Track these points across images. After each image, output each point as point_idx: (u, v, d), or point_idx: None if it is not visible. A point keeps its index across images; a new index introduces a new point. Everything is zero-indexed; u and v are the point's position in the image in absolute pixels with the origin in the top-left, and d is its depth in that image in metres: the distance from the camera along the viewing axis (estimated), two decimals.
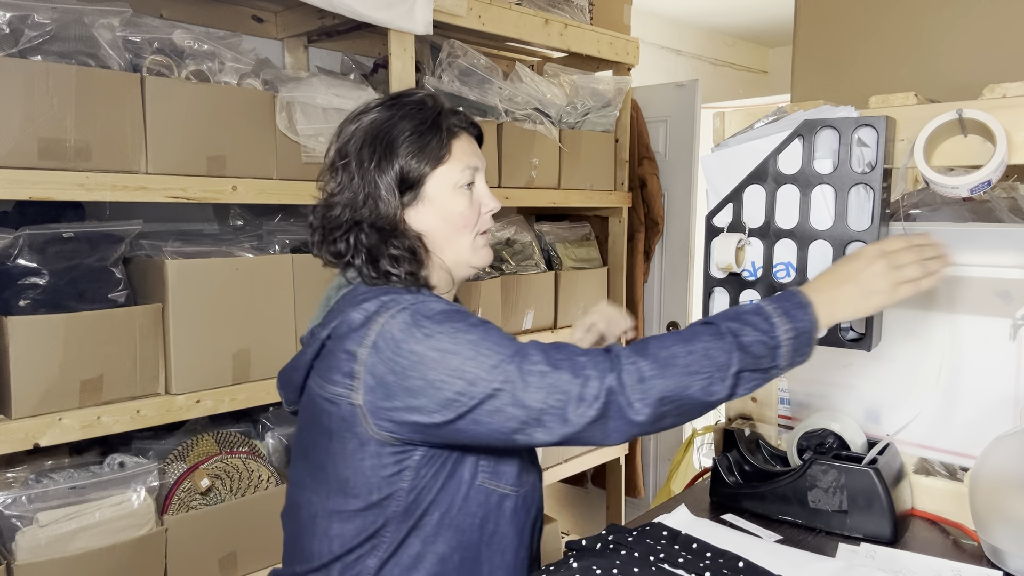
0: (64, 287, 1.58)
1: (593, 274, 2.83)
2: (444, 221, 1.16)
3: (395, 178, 1.12)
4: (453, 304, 1.10)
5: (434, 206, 1.15)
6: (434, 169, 1.14)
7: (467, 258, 1.19)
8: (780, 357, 1.02)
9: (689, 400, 1.00)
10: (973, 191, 1.20)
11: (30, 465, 1.64)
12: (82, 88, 1.54)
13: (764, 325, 1.02)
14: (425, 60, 2.35)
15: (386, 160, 1.12)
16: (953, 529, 1.33)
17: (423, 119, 1.15)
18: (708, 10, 4.26)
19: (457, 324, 1.04)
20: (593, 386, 0.98)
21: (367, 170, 1.12)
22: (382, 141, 1.13)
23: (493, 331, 1.04)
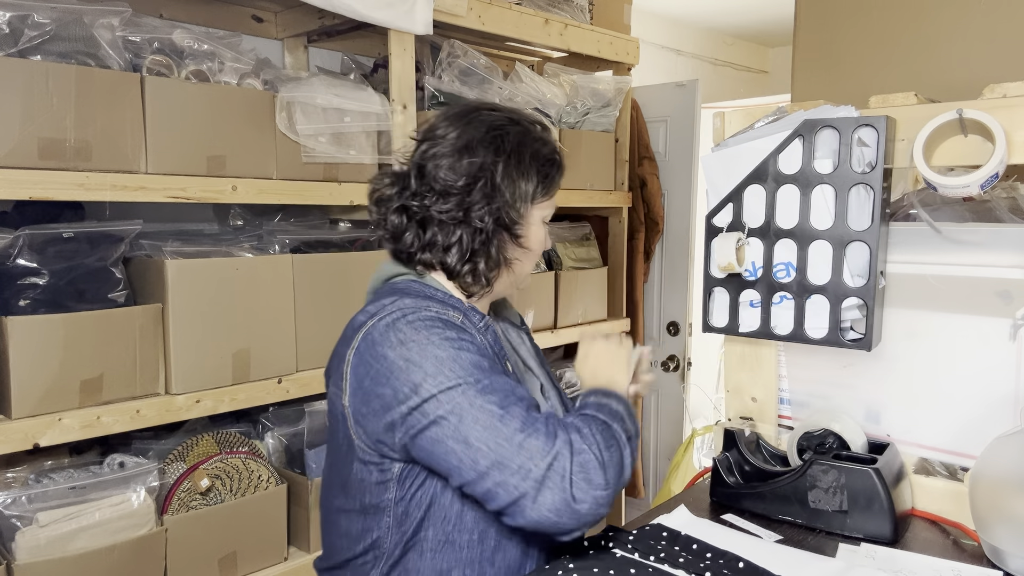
0: (64, 287, 1.58)
1: (593, 274, 2.83)
2: (533, 244, 1.23)
3: (531, 191, 1.18)
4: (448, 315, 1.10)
5: (530, 229, 1.21)
6: (544, 199, 1.22)
7: (519, 282, 1.27)
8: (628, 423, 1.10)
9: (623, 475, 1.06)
10: (983, 187, 1.20)
11: (30, 465, 1.64)
12: (82, 88, 1.54)
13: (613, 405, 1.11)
14: (425, 60, 2.35)
15: (530, 171, 1.18)
16: (953, 529, 1.33)
17: (550, 152, 1.22)
18: (708, 10, 4.26)
19: (433, 336, 1.05)
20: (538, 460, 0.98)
21: (509, 178, 1.16)
22: (525, 153, 1.17)
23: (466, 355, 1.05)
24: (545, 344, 2.63)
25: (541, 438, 0.99)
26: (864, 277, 1.29)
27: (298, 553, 1.96)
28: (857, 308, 1.33)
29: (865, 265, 1.28)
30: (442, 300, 1.15)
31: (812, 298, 1.33)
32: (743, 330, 1.43)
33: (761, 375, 1.56)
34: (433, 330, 1.06)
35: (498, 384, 1.04)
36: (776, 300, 1.37)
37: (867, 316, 1.30)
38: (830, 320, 1.32)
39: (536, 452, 0.97)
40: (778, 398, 1.56)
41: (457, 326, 1.09)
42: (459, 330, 1.09)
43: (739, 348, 1.57)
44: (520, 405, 1.03)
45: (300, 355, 1.92)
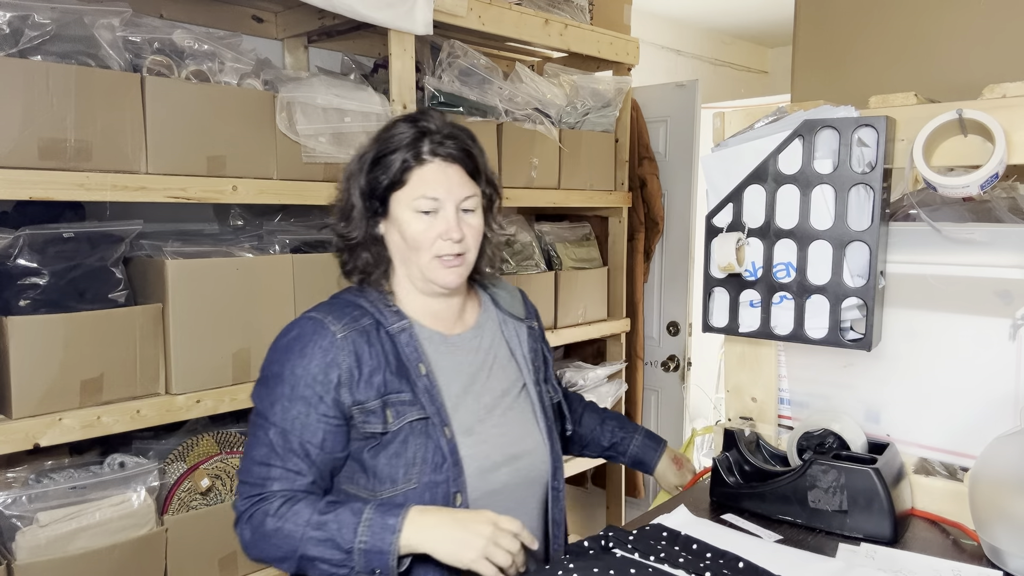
0: (64, 287, 1.58)
1: (593, 274, 2.83)
2: (402, 239, 1.28)
3: (362, 192, 1.29)
4: (302, 342, 1.26)
5: (395, 224, 1.28)
6: (394, 190, 1.27)
7: (428, 275, 1.29)
8: (354, 560, 1.14)
9: (278, 562, 1.21)
10: (983, 187, 1.20)
11: (30, 465, 1.64)
12: (82, 88, 1.54)
13: (348, 529, 1.15)
14: (425, 60, 2.35)
15: (356, 176, 1.30)
16: (953, 529, 1.33)
17: (396, 143, 1.26)
18: (708, 10, 4.26)
19: (274, 368, 1.26)
20: (239, 503, 1.26)
21: (349, 187, 1.31)
22: (358, 159, 1.31)
23: (282, 392, 1.23)
24: None
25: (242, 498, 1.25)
26: (864, 277, 1.29)
27: None
28: (857, 308, 1.33)
29: (865, 265, 1.29)
30: (350, 305, 1.30)
31: (812, 298, 1.33)
32: (743, 330, 1.43)
33: (761, 375, 1.56)
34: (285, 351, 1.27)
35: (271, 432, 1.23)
36: (776, 300, 1.37)
37: (867, 316, 1.30)
38: (830, 320, 1.32)
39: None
40: (778, 398, 1.56)
41: (313, 344, 1.24)
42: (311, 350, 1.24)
43: (739, 348, 1.58)
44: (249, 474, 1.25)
45: None
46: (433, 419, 1.25)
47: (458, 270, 1.30)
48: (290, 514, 1.18)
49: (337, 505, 1.19)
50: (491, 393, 1.34)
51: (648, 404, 3.20)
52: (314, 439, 1.22)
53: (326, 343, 1.24)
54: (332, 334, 1.24)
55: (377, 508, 1.17)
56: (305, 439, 1.22)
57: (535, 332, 1.48)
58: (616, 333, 2.97)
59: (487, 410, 1.32)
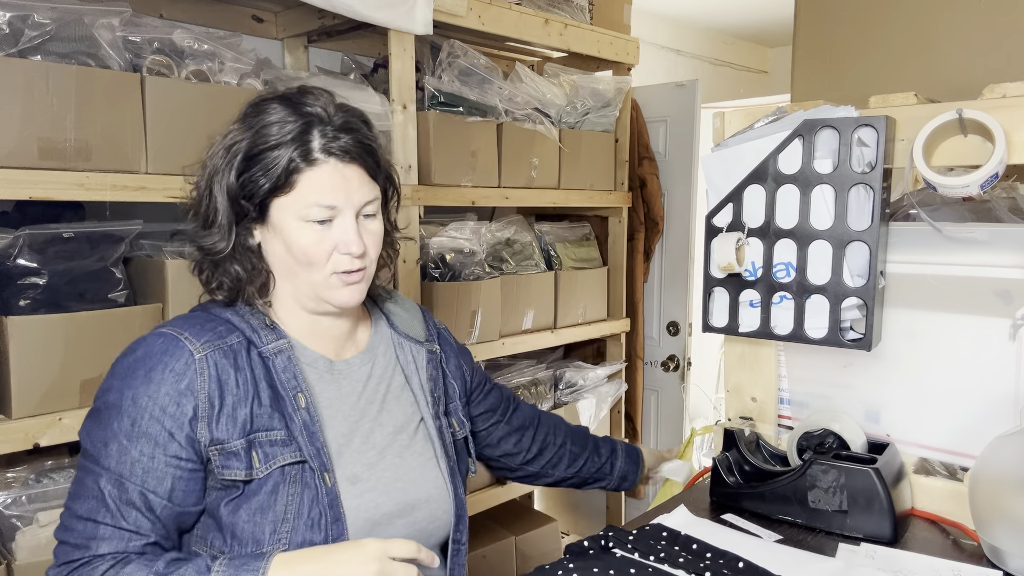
0: (64, 287, 1.58)
1: (593, 274, 2.83)
2: (286, 252, 1.06)
3: (228, 195, 1.05)
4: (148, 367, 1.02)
5: (278, 234, 1.06)
6: (274, 195, 1.04)
7: (321, 293, 1.09)
8: None
9: None
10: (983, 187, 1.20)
11: (30, 465, 1.64)
12: (82, 88, 1.54)
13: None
14: (425, 60, 2.35)
15: (226, 172, 1.05)
16: (953, 529, 1.33)
17: (278, 138, 1.03)
18: (708, 10, 4.26)
19: (111, 395, 1.02)
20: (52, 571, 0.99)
21: (210, 185, 1.07)
22: (232, 148, 1.06)
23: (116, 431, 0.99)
24: (545, 344, 2.63)
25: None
26: (864, 277, 1.29)
27: None
28: (857, 308, 1.33)
29: (865, 265, 1.29)
30: (214, 319, 1.08)
31: (812, 298, 1.33)
32: (743, 330, 1.43)
33: (761, 375, 1.56)
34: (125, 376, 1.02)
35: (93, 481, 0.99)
36: (776, 300, 1.37)
37: (867, 316, 1.30)
38: (830, 320, 1.32)
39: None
40: (778, 398, 1.56)
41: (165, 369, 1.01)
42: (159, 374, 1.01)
43: (739, 348, 1.58)
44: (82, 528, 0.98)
45: None
46: (311, 463, 1.04)
47: (359, 287, 1.10)
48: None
49: (180, 563, 0.95)
50: (382, 430, 1.15)
51: (648, 404, 3.20)
52: (159, 488, 0.99)
53: (180, 365, 1.01)
54: (189, 353, 1.02)
55: (230, 562, 0.95)
56: (148, 488, 0.98)
57: (435, 357, 1.27)
58: (616, 333, 2.97)
59: (378, 452, 1.12)
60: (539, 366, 2.81)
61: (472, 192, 2.31)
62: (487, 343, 2.40)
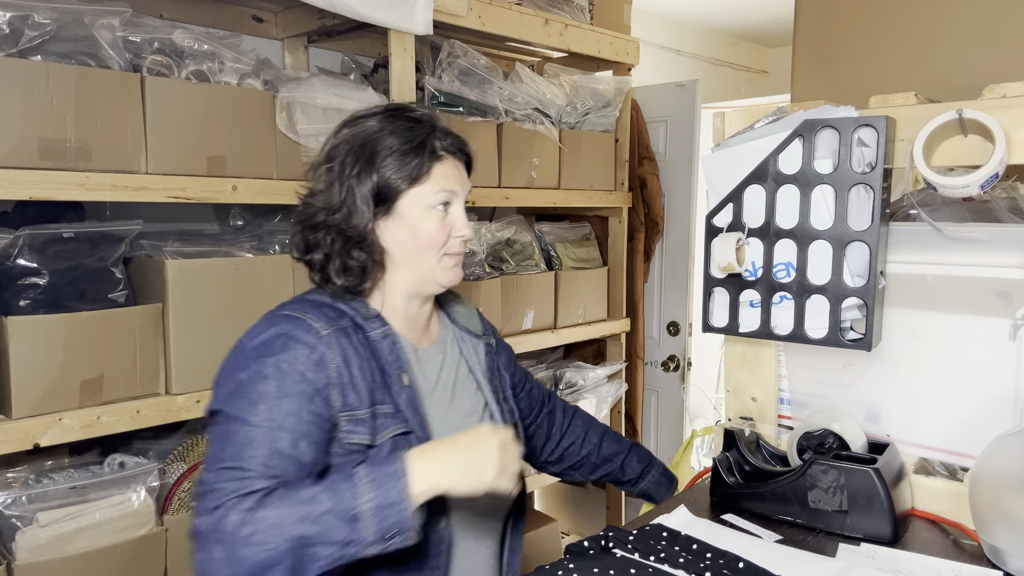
0: (64, 287, 1.58)
1: (593, 274, 2.83)
2: (411, 239, 1.20)
3: (371, 190, 1.17)
4: (283, 340, 1.11)
5: (404, 224, 1.19)
6: (410, 187, 1.18)
7: (435, 276, 1.23)
8: (362, 527, 0.98)
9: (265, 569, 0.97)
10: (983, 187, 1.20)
11: (30, 465, 1.64)
12: (82, 88, 1.54)
13: (347, 494, 1.00)
14: (425, 60, 2.35)
15: (366, 171, 1.17)
16: (953, 529, 1.33)
17: (411, 137, 1.18)
18: (708, 10, 4.26)
19: (253, 364, 1.09)
20: (201, 519, 1.00)
21: (347, 177, 1.17)
22: (366, 152, 1.17)
23: (256, 393, 1.06)
24: (545, 344, 2.63)
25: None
26: (864, 277, 1.29)
27: None
28: (857, 308, 1.33)
29: (865, 265, 1.29)
30: (324, 306, 1.18)
31: (812, 298, 1.33)
32: (743, 330, 1.43)
33: (761, 375, 1.56)
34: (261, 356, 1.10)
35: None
36: (776, 300, 1.37)
37: (867, 316, 1.30)
38: (830, 320, 1.32)
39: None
40: (778, 398, 1.56)
41: (297, 343, 1.10)
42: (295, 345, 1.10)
43: (739, 348, 1.58)
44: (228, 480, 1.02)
45: None
46: (417, 433, 1.16)
47: (459, 269, 1.25)
48: (270, 503, 0.99)
49: (321, 479, 1.04)
50: (458, 413, 1.27)
51: (648, 404, 3.20)
52: (303, 443, 1.06)
53: (311, 339, 1.11)
54: (316, 331, 1.12)
55: (369, 465, 1.03)
56: (296, 439, 1.05)
57: (492, 350, 1.40)
58: (616, 333, 2.97)
59: (455, 431, 1.19)
60: (539, 366, 2.81)
61: (472, 192, 2.30)
62: None
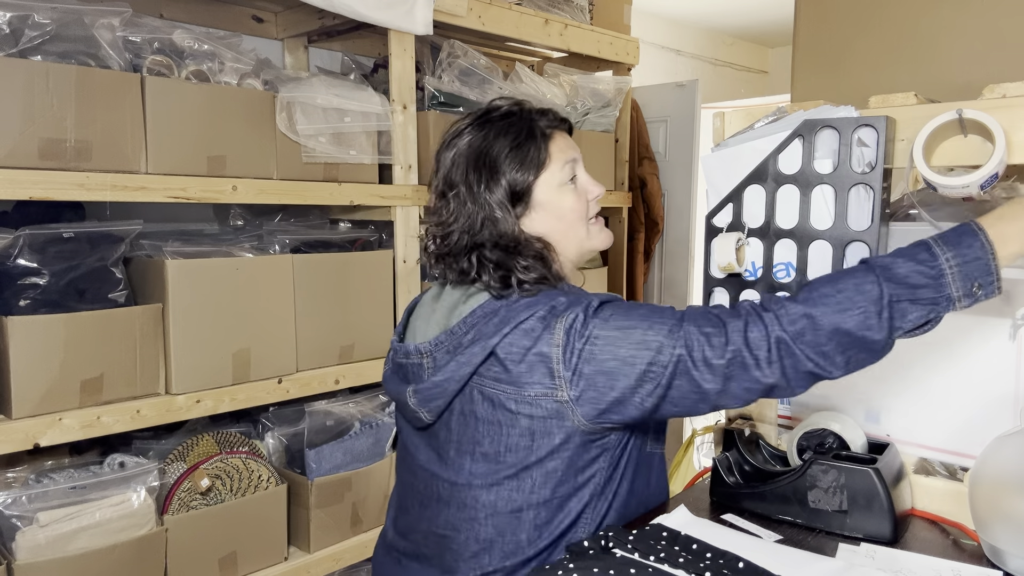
0: (64, 287, 1.58)
1: (593, 274, 2.83)
2: (559, 220, 1.22)
3: (506, 195, 1.18)
4: (603, 294, 1.17)
5: (546, 210, 1.22)
6: (538, 176, 1.20)
7: (589, 245, 1.27)
8: (947, 286, 1.00)
9: (851, 336, 1.01)
10: (983, 187, 1.20)
11: (30, 465, 1.64)
12: (82, 88, 1.54)
13: (923, 255, 1.02)
14: (425, 60, 2.35)
15: (493, 180, 1.18)
16: (953, 529, 1.33)
17: (518, 131, 1.20)
18: (708, 10, 4.26)
19: (621, 305, 1.13)
20: (759, 340, 1.02)
21: (478, 194, 1.18)
22: (484, 162, 1.19)
23: (651, 305, 1.13)
24: None
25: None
26: None
27: (298, 553, 1.96)
28: None
29: None
30: (572, 294, 1.19)
31: None
32: None
33: None
34: (615, 300, 1.14)
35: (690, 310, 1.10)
36: None
37: None
38: None
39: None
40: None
41: (616, 296, 1.17)
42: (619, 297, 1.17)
43: None
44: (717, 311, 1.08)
45: (300, 355, 1.92)
46: None
47: (608, 230, 1.30)
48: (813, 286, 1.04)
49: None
50: None
51: None
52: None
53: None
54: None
55: (934, 238, 1.04)
56: None
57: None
58: None
59: None
60: None
61: None
62: None
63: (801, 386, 1.06)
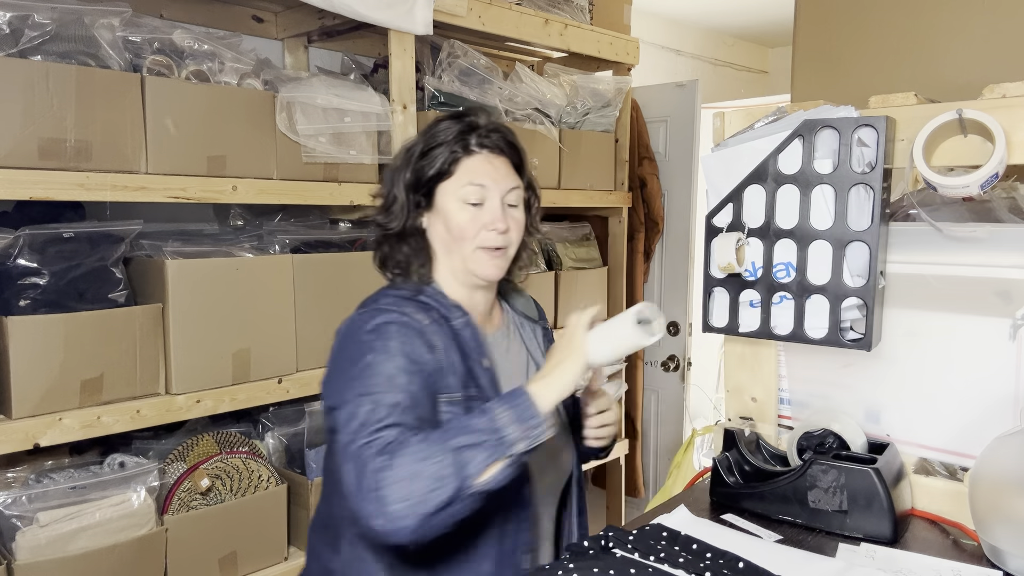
0: (64, 287, 1.58)
1: (593, 274, 2.83)
2: (446, 230, 1.26)
3: (408, 183, 1.26)
4: (388, 316, 1.19)
5: (441, 215, 1.26)
6: (441, 181, 1.25)
7: (469, 267, 1.27)
8: (506, 434, 1.06)
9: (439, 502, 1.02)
10: (983, 187, 1.20)
11: (30, 465, 1.64)
12: (82, 88, 1.54)
13: (483, 417, 1.08)
14: (425, 60, 2.35)
15: (404, 167, 1.27)
16: (953, 529, 1.33)
17: (446, 135, 1.26)
18: (708, 10, 4.26)
19: (375, 345, 1.15)
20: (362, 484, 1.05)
21: (394, 179, 1.28)
22: (408, 151, 1.28)
23: (383, 370, 1.12)
24: None
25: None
26: (864, 277, 1.29)
27: (298, 553, 1.96)
28: (857, 308, 1.33)
29: (865, 265, 1.28)
30: (411, 301, 1.24)
31: (812, 298, 1.33)
32: (743, 330, 1.43)
33: (761, 375, 1.56)
34: (381, 336, 1.17)
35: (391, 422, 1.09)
36: (776, 300, 1.37)
37: (867, 316, 1.30)
38: (830, 320, 1.32)
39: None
40: (778, 398, 1.56)
41: (408, 328, 1.18)
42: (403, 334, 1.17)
43: (739, 348, 1.57)
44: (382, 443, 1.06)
45: (300, 355, 1.92)
46: None
47: (499, 263, 1.27)
48: (423, 435, 1.07)
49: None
50: None
51: (648, 404, 3.19)
52: (426, 409, 1.15)
53: (413, 329, 1.19)
54: (417, 322, 1.20)
55: (498, 399, 1.11)
56: (421, 408, 1.13)
57: (549, 333, 1.47)
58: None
59: None
60: None
61: None
62: None
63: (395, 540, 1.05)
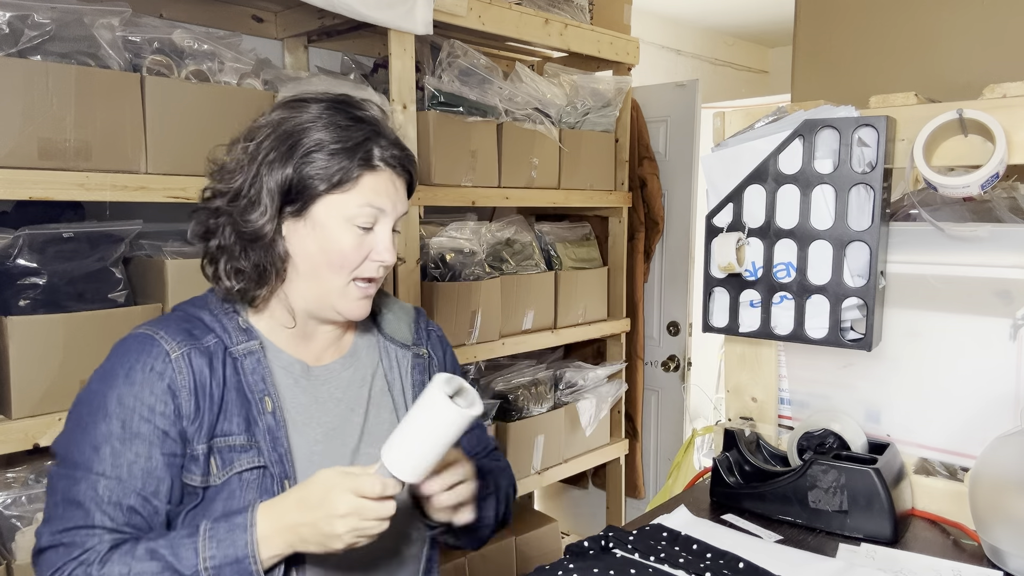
0: (64, 287, 1.58)
1: (593, 274, 2.83)
2: (321, 251, 1.04)
3: (281, 184, 1.02)
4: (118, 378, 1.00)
5: (317, 231, 1.03)
6: (329, 192, 1.02)
7: (333, 301, 1.06)
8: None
9: None
10: (984, 187, 1.20)
11: (30, 465, 1.64)
12: (82, 88, 1.54)
13: (188, 550, 0.92)
14: (425, 60, 2.35)
15: (281, 162, 1.02)
16: (953, 529, 1.33)
17: (346, 137, 1.03)
18: (708, 10, 4.26)
19: (93, 403, 0.99)
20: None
21: (259, 163, 1.02)
22: (290, 140, 1.02)
23: (91, 435, 0.96)
24: (545, 344, 2.63)
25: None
26: (864, 277, 1.29)
27: None
28: (857, 308, 1.33)
29: (865, 265, 1.28)
30: (190, 319, 1.06)
31: (812, 298, 1.33)
32: (743, 330, 1.43)
33: (761, 375, 1.56)
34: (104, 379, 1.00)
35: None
36: (776, 300, 1.37)
37: (867, 316, 1.30)
38: (830, 320, 1.32)
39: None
40: (778, 398, 1.56)
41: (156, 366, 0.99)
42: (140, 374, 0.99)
43: (739, 348, 1.57)
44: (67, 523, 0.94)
45: None
46: (271, 468, 1.01)
47: (369, 301, 1.09)
48: (115, 557, 0.92)
49: (167, 532, 0.96)
50: (369, 436, 1.11)
51: (648, 404, 3.20)
52: (160, 489, 0.97)
53: (159, 364, 0.99)
54: (166, 353, 1.00)
55: (215, 520, 0.95)
56: (148, 490, 0.96)
57: (422, 361, 1.21)
58: (616, 333, 2.97)
59: (350, 458, 1.08)
60: (539, 366, 2.81)
61: (472, 192, 2.31)
62: (487, 343, 2.40)
63: None
